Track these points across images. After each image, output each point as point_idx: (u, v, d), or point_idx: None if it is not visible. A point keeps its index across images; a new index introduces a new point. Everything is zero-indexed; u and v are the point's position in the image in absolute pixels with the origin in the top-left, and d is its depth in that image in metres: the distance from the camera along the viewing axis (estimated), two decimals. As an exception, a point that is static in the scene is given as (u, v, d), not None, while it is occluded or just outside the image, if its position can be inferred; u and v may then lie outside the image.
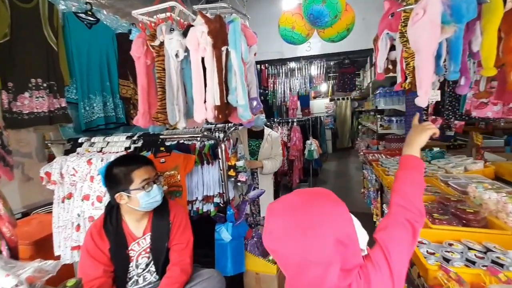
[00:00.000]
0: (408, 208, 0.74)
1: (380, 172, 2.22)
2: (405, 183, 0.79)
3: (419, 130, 0.90)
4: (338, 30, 1.73)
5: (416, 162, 0.84)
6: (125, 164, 1.14)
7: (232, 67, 1.39)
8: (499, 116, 1.75)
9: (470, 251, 1.01)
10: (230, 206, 1.66)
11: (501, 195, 1.28)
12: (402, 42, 1.26)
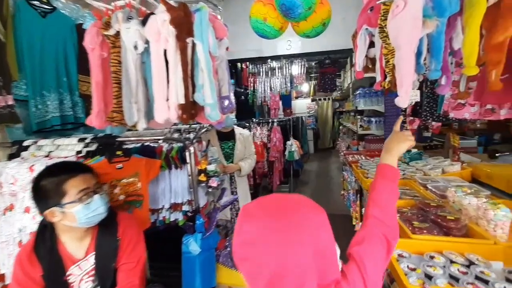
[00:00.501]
0: (385, 222, 0.72)
1: (360, 175, 2.16)
2: (382, 194, 0.77)
3: (399, 138, 0.88)
4: (313, 25, 1.63)
5: (393, 172, 0.82)
6: (55, 174, 0.96)
7: (199, 61, 1.25)
8: (476, 117, 1.72)
9: (452, 265, 0.93)
10: (200, 214, 1.51)
11: (482, 201, 1.23)
12: (381, 38, 1.17)
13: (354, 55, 1.37)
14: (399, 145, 0.86)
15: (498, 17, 1.05)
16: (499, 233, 1.11)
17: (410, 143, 0.88)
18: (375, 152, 3.13)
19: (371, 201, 0.77)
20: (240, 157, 2.35)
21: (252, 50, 3.41)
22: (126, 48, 1.28)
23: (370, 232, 0.71)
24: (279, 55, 3.30)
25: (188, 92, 1.25)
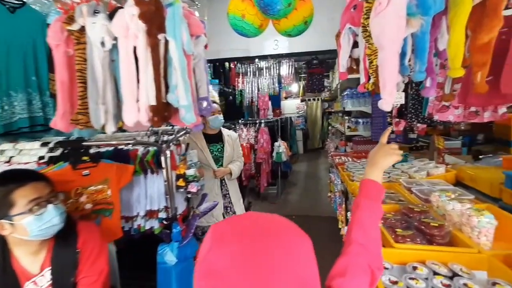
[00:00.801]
0: (370, 249, 0.65)
1: (346, 177, 2.11)
2: (367, 216, 0.71)
3: (386, 152, 0.82)
4: (295, 23, 1.56)
5: (378, 190, 0.77)
6: (1, 183, 0.86)
7: (172, 60, 1.16)
8: (460, 120, 1.70)
9: (436, 277, 0.88)
10: (177, 222, 1.43)
11: (465, 206, 1.19)
12: (365, 38, 1.12)
13: (338, 55, 1.32)
14: (385, 159, 0.81)
15: (483, 17, 1.01)
16: (482, 240, 1.08)
17: (397, 158, 0.83)
18: (362, 153, 3.11)
19: (354, 223, 0.71)
20: (229, 160, 2.28)
21: (239, 49, 3.33)
22: (92, 45, 1.18)
23: (353, 261, 0.63)
24: (266, 54, 3.23)
25: (160, 92, 1.16)
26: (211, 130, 2.26)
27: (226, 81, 3.53)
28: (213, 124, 2.22)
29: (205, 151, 2.19)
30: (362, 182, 0.80)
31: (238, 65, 3.63)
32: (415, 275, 0.90)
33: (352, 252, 0.64)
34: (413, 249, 1.03)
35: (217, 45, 3.34)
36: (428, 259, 1.00)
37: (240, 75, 3.61)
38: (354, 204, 0.76)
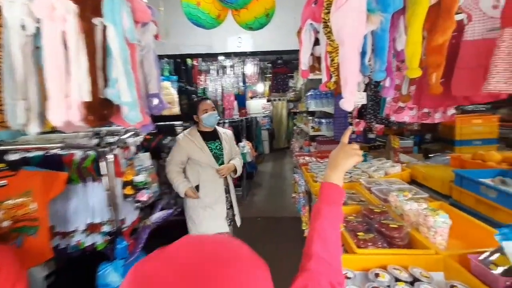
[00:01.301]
0: (331, 263, 0.61)
1: (309, 178, 2.09)
2: (328, 225, 0.67)
3: (347, 153, 0.78)
4: (256, 15, 1.48)
5: (338, 194, 0.73)
6: None
7: (111, 49, 1.00)
8: (415, 120, 1.77)
9: (397, 284, 0.86)
10: (122, 236, 1.25)
11: (422, 206, 1.21)
12: (326, 34, 1.07)
13: (299, 53, 1.26)
14: (347, 160, 0.77)
15: (438, 18, 1.01)
16: (438, 240, 1.09)
17: (358, 158, 0.79)
18: (326, 153, 3.15)
19: (315, 232, 0.65)
20: (229, 157, 2.18)
21: (202, 45, 3.17)
22: (9, 28, 0.97)
23: (314, 280, 0.57)
24: (229, 52, 3.12)
25: (96, 87, 0.99)
26: (205, 127, 2.13)
27: (189, 79, 3.34)
28: (207, 122, 2.09)
29: (205, 149, 2.05)
30: (322, 185, 0.76)
31: (201, 62, 3.45)
32: (377, 283, 0.86)
33: (312, 269, 0.59)
34: (375, 253, 1.01)
35: (177, 39, 3.13)
36: (389, 263, 0.98)
37: (203, 73, 3.44)
38: (314, 210, 0.71)
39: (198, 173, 2.04)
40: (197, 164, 2.03)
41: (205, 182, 2.04)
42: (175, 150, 2.04)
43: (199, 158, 2.02)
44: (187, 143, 2.03)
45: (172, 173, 2.00)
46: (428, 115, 1.68)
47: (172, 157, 2.03)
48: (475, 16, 1.07)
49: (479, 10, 1.06)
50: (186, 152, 2.02)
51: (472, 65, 1.07)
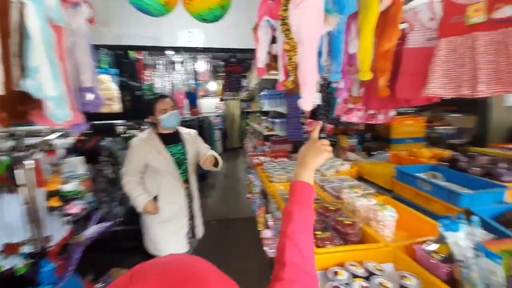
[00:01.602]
0: (307, 270, 0.58)
1: (264, 179, 2.08)
2: (302, 228, 0.64)
3: (317, 150, 0.77)
4: (210, 6, 1.39)
5: (310, 193, 0.71)
6: None
7: (30, 31, 0.81)
8: (362, 121, 1.88)
9: (355, 280, 0.88)
10: (48, 257, 1.04)
11: (372, 202, 1.29)
12: (283, 32, 1.04)
13: (256, 50, 1.22)
14: (317, 158, 0.75)
15: (385, 26, 1.07)
16: (386, 233, 1.17)
17: (328, 155, 0.77)
18: (280, 152, 3.21)
19: (288, 239, 0.61)
20: (194, 161, 1.94)
21: (148, 37, 2.91)
22: None
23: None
24: (179, 46, 2.92)
25: (9, 77, 0.79)
26: (165, 129, 1.85)
27: (132, 73, 3.03)
28: (168, 123, 1.81)
29: (164, 154, 1.78)
30: (293, 184, 0.72)
31: (147, 56, 3.17)
32: (337, 282, 0.87)
33: (286, 278, 0.55)
34: (333, 252, 1.02)
35: (119, 29, 2.82)
36: (346, 259, 1.00)
37: (148, 68, 3.16)
38: (286, 213, 0.68)
39: (157, 182, 1.78)
40: (156, 172, 1.77)
41: (165, 193, 1.79)
42: (129, 157, 1.76)
43: (158, 165, 1.76)
44: (142, 148, 1.75)
45: (128, 184, 1.73)
46: (373, 116, 1.81)
47: (126, 166, 1.76)
48: (415, 26, 1.17)
49: (419, 21, 1.16)
50: (142, 158, 1.75)
51: (413, 71, 1.17)
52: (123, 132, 2.50)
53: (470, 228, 0.79)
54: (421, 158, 1.93)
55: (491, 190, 1.26)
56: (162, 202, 1.76)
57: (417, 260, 0.96)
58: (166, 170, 1.78)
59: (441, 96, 1.06)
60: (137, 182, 1.75)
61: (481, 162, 1.51)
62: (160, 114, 1.77)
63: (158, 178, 1.77)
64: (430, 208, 1.37)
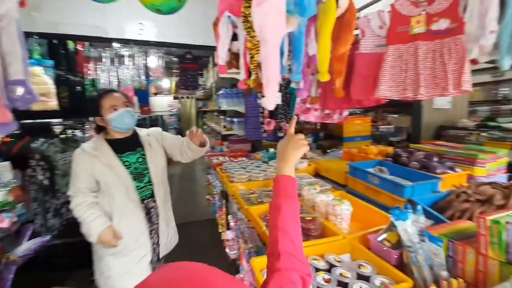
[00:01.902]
0: (299, 257, 0.62)
1: (225, 179, 2.04)
2: (290, 220, 0.67)
3: (295, 144, 0.81)
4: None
5: (294, 185, 0.75)
6: None
7: None
8: (319, 120, 1.98)
9: (318, 273, 0.91)
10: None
11: (330, 197, 1.35)
12: (245, 29, 1.02)
13: (217, 46, 1.18)
14: (295, 152, 0.80)
15: (340, 31, 1.14)
16: (344, 225, 1.24)
17: (305, 148, 0.82)
18: (238, 152, 3.19)
19: (279, 231, 0.65)
20: (161, 170, 1.58)
21: (90, 26, 2.61)
22: None
23: (286, 278, 0.58)
24: (128, 39, 2.69)
25: None
26: (118, 133, 1.48)
27: (71, 66, 2.69)
28: (120, 124, 1.43)
29: (117, 167, 1.41)
30: (277, 178, 0.76)
31: (90, 47, 2.85)
32: (302, 278, 0.88)
33: (282, 268, 0.59)
34: (296, 248, 1.04)
35: (55, 15, 2.49)
36: (309, 254, 1.03)
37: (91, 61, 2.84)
38: (274, 207, 0.71)
39: (108, 203, 1.43)
40: (107, 191, 1.42)
41: (120, 217, 1.42)
42: (72, 173, 1.42)
43: (108, 180, 1.40)
44: (87, 161, 1.39)
45: (79, 208, 1.39)
46: (329, 116, 1.91)
47: (73, 186, 1.42)
48: (367, 33, 1.27)
49: (370, 28, 1.26)
50: (89, 173, 1.40)
51: (365, 74, 1.26)
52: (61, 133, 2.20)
53: (415, 216, 0.88)
54: (369, 154, 2.10)
55: (428, 181, 1.43)
56: (115, 227, 1.41)
57: (370, 248, 1.04)
58: (118, 188, 1.41)
59: (389, 98, 1.17)
60: (90, 204, 1.41)
61: (418, 157, 1.70)
62: (108, 113, 1.41)
63: (109, 199, 1.43)
64: (379, 199, 1.50)
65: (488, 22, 0.94)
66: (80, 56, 2.90)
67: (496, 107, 5.87)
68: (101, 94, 1.48)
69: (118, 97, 1.47)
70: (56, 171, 2.25)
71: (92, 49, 2.90)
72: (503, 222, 0.69)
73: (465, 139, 3.33)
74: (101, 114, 1.43)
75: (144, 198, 1.50)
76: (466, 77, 0.99)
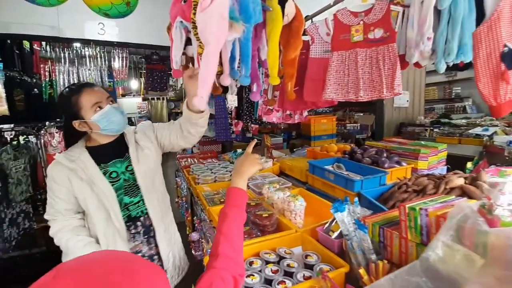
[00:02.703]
0: (236, 260, 0.70)
1: (191, 181, 2.06)
2: (234, 227, 0.77)
3: (251, 162, 0.94)
4: (113, 0, 1.28)
5: (243, 197, 0.85)
6: None
7: None
8: (280, 121, 2.06)
9: (267, 266, 0.97)
10: None
11: (286, 194, 1.42)
12: (195, 35, 1.06)
13: (171, 51, 1.20)
14: (250, 168, 0.92)
15: (289, 37, 1.21)
16: (297, 220, 1.32)
17: (259, 166, 0.96)
18: (208, 153, 3.20)
19: (222, 235, 0.73)
20: (150, 168, 1.29)
21: (46, 25, 2.49)
22: None
23: (218, 276, 0.64)
24: (88, 39, 2.60)
25: None
26: (106, 137, 1.21)
27: (26, 68, 2.54)
28: (109, 125, 1.16)
29: (98, 183, 1.14)
30: (229, 190, 0.86)
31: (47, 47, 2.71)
32: (251, 271, 0.94)
33: (218, 267, 0.66)
34: (249, 244, 1.09)
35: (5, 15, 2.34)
36: (262, 249, 1.09)
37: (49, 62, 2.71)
38: (222, 214, 0.80)
39: (92, 228, 1.19)
40: (88, 212, 1.18)
41: (108, 245, 1.17)
42: (49, 194, 1.16)
43: (87, 202, 1.15)
44: (62, 176, 1.13)
45: (60, 235, 1.14)
46: (290, 117, 2.00)
47: (50, 206, 1.16)
48: (316, 39, 1.36)
49: (318, 35, 1.35)
50: (68, 191, 1.14)
51: (315, 78, 1.35)
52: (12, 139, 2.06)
53: (353, 207, 0.97)
54: (330, 152, 2.22)
55: (376, 175, 1.55)
56: None
57: (319, 240, 1.12)
58: (98, 212, 1.15)
59: (335, 99, 1.26)
60: (74, 229, 1.16)
61: (370, 153, 1.84)
62: (91, 113, 1.12)
63: (91, 225, 1.18)
64: (334, 194, 1.60)
65: (425, 30, 1.05)
66: (36, 57, 2.76)
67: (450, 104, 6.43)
68: (76, 90, 1.14)
69: (100, 92, 1.17)
70: (10, 179, 2.13)
71: (49, 50, 2.76)
72: (417, 209, 0.79)
73: (420, 134, 3.63)
74: (82, 116, 1.12)
75: (140, 215, 1.23)
76: (397, 81, 1.10)
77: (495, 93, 0.81)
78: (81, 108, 1.12)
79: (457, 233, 0.67)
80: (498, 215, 0.61)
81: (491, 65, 0.81)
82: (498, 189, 0.62)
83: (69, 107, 1.13)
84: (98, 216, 1.16)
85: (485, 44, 0.83)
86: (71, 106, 1.12)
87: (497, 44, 0.80)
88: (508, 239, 0.59)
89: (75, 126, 1.15)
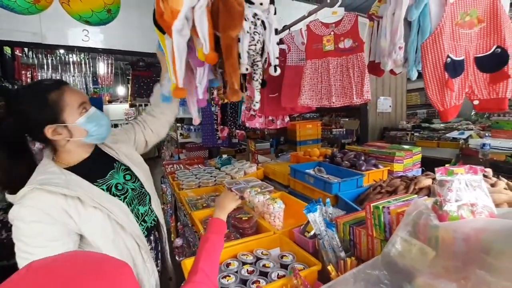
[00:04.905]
0: (211, 279, 0.76)
1: (175, 187, 2.07)
2: (214, 250, 0.85)
3: (231, 199, 1.09)
4: (93, 8, 1.29)
5: (224, 227, 0.97)
6: None
7: None
8: (263, 126, 2.11)
9: (244, 266, 0.99)
10: None
11: (266, 197, 1.46)
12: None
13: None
14: (230, 204, 1.07)
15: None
16: (277, 222, 1.35)
17: (237, 202, 1.12)
18: (195, 159, 3.21)
19: (205, 252, 0.81)
20: (144, 168, 1.18)
21: (28, 32, 2.47)
22: None
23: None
24: (72, 46, 2.59)
25: None
26: (82, 149, 0.94)
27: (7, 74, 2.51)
28: (98, 130, 0.93)
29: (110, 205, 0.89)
30: (211, 220, 0.98)
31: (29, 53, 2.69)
32: (227, 272, 0.96)
33: (198, 281, 0.73)
34: (228, 246, 1.11)
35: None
36: (240, 251, 1.11)
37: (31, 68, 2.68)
38: (203, 239, 0.88)
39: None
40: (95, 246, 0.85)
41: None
42: (21, 246, 0.76)
43: (108, 235, 0.87)
44: (57, 208, 0.78)
45: None
46: (273, 122, 2.05)
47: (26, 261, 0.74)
48: (292, 48, 1.42)
49: (294, 44, 1.41)
50: (64, 232, 0.80)
51: (291, 84, 1.41)
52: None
53: (325, 208, 1.01)
54: (313, 156, 2.28)
55: (353, 177, 1.61)
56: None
57: (295, 240, 1.16)
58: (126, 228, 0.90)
59: (310, 105, 1.32)
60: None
61: (349, 157, 1.91)
62: (77, 114, 0.88)
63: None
64: (314, 197, 1.65)
65: (397, 40, 1.11)
66: (18, 63, 2.72)
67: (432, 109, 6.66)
68: (55, 86, 0.88)
69: (80, 93, 0.95)
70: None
71: (31, 56, 2.73)
72: (381, 207, 0.84)
73: (402, 139, 3.76)
74: (62, 119, 0.86)
75: (153, 224, 1.09)
76: (366, 88, 1.17)
77: (442, 99, 0.89)
78: (64, 109, 0.86)
79: (414, 228, 0.72)
80: (447, 210, 0.67)
81: (437, 74, 0.88)
82: (447, 187, 0.68)
83: (45, 107, 0.84)
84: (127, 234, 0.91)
85: (431, 55, 0.91)
86: (49, 105, 0.84)
87: (441, 55, 0.87)
88: (454, 232, 0.64)
89: (46, 134, 0.85)
